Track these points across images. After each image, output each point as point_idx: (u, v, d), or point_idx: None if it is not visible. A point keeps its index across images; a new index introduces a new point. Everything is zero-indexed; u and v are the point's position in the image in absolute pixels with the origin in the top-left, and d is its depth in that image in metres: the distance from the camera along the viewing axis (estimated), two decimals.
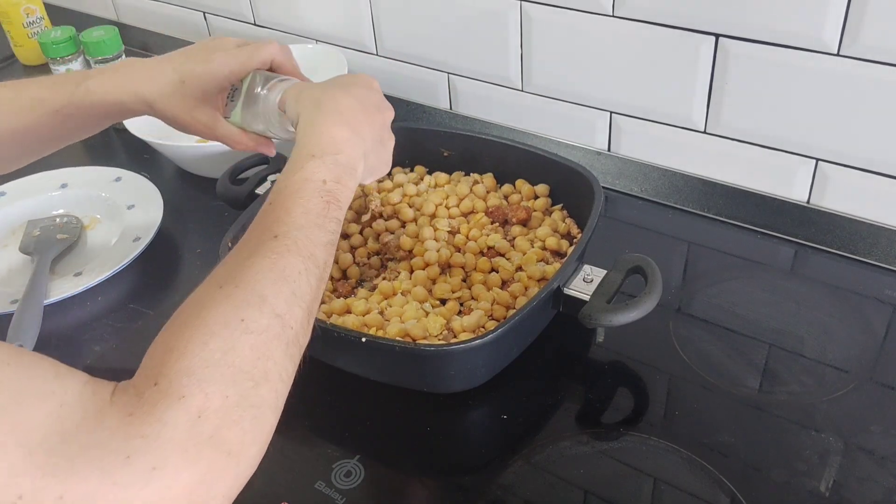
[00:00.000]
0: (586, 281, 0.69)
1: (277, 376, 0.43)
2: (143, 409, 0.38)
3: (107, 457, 0.36)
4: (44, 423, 0.35)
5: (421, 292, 0.75)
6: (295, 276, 0.47)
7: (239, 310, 0.43)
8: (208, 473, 0.38)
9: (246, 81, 0.66)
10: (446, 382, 0.68)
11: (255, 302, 0.44)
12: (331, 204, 0.52)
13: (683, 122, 0.88)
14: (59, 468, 0.35)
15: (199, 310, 0.43)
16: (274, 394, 0.43)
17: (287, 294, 0.46)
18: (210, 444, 0.38)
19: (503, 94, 1.00)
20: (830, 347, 0.73)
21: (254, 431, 0.41)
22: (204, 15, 1.28)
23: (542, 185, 0.86)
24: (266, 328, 0.43)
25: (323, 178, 0.53)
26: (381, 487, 0.64)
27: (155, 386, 0.39)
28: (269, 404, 0.42)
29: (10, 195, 0.99)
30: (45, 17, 1.34)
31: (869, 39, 0.73)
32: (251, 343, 0.42)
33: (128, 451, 0.36)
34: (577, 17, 0.88)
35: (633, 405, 0.70)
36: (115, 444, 0.36)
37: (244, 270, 0.46)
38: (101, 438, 0.36)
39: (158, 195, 0.95)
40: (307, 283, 0.47)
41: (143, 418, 0.38)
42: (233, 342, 0.42)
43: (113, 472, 0.36)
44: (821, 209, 0.84)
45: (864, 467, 0.62)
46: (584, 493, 0.63)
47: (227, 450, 0.39)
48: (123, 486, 0.36)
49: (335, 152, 0.55)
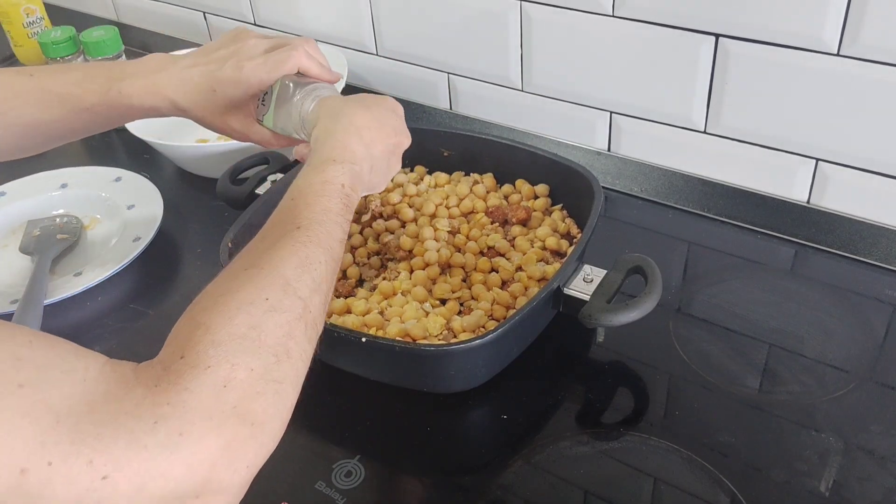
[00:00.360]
0: (586, 281, 0.69)
1: (299, 355, 0.45)
2: (169, 378, 0.39)
3: (134, 423, 0.37)
4: (69, 394, 0.36)
5: (421, 292, 0.75)
6: (315, 265, 0.49)
7: (263, 290, 0.46)
8: (233, 442, 0.39)
9: (276, 87, 0.68)
10: (446, 382, 0.68)
11: (279, 284, 0.46)
12: (347, 206, 0.56)
13: (683, 122, 0.88)
14: (88, 435, 0.35)
15: (225, 290, 0.45)
16: (294, 371, 0.45)
17: (308, 280, 0.48)
18: (234, 414, 0.40)
19: (503, 94, 1.00)
20: (830, 347, 0.73)
21: (276, 405, 0.42)
22: (204, 15, 1.28)
23: (542, 185, 0.86)
24: (289, 308, 0.46)
25: (342, 183, 0.57)
26: (381, 487, 0.64)
27: (182, 359, 0.41)
28: (290, 380, 0.44)
29: (10, 195, 0.99)
30: (45, 17, 1.34)
31: (869, 39, 0.73)
32: (275, 321, 0.44)
33: (155, 417, 0.37)
34: (577, 17, 0.88)
35: (633, 405, 0.70)
36: (142, 412, 0.37)
37: (268, 256, 0.48)
38: (127, 406, 0.37)
39: (158, 195, 0.95)
40: (325, 273, 0.50)
41: (169, 387, 0.39)
42: (258, 319, 0.44)
43: (141, 437, 0.36)
44: (821, 209, 0.84)
45: (864, 467, 0.62)
46: (584, 493, 0.63)
47: (251, 420, 0.41)
48: (151, 450, 0.36)
49: (352, 161, 0.59)
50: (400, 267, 0.80)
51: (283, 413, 0.43)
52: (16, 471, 0.33)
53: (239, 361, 0.41)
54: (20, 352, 0.37)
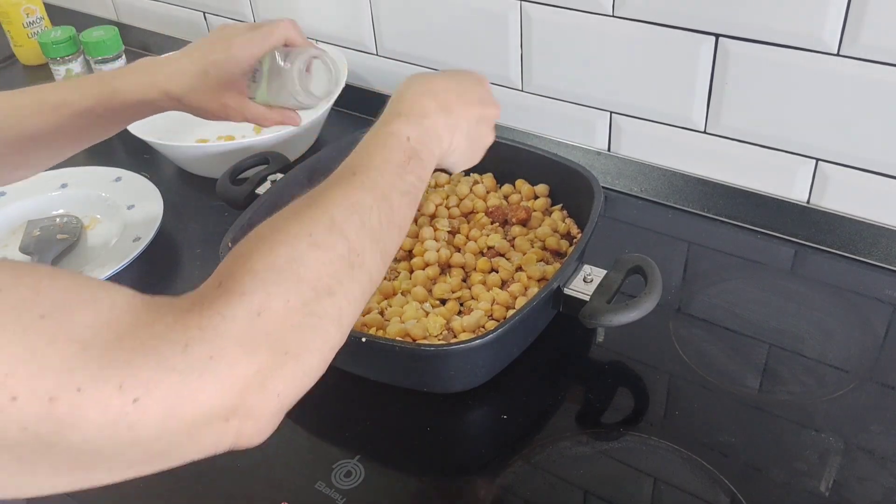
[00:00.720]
0: (586, 281, 0.69)
1: (343, 295, 0.44)
2: (202, 304, 0.39)
3: (164, 346, 0.37)
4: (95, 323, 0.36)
5: (421, 292, 0.75)
6: (366, 210, 0.48)
7: (307, 226, 0.45)
8: (264, 368, 0.39)
9: (266, 61, 0.69)
10: (446, 382, 0.68)
11: (325, 222, 0.46)
12: (412, 159, 0.54)
13: (683, 122, 0.88)
14: (117, 359, 0.35)
15: (271, 226, 0.46)
16: (337, 310, 0.44)
17: (356, 223, 0.47)
18: (268, 342, 0.40)
19: (503, 94, 1.00)
20: (830, 347, 0.73)
21: (314, 340, 0.42)
22: (204, 15, 1.28)
23: (542, 185, 0.86)
24: (332, 246, 0.45)
25: (407, 135, 0.55)
26: (381, 487, 0.64)
27: (219, 286, 0.41)
28: (331, 318, 0.43)
29: (10, 195, 0.99)
30: (45, 17, 1.34)
31: (869, 39, 0.73)
32: (316, 256, 0.44)
33: (185, 340, 0.37)
34: (577, 17, 0.88)
35: (633, 405, 0.70)
36: (173, 335, 0.37)
37: (318, 197, 0.48)
38: (158, 331, 0.37)
39: (158, 195, 0.95)
40: (378, 219, 0.49)
41: (202, 312, 0.39)
42: (299, 252, 0.43)
43: (171, 360, 0.36)
44: (821, 209, 0.84)
45: (864, 467, 0.62)
46: (584, 493, 0.63)
47: (285, 350, 0.40)
48: (181, 372, 0.36)
49: (421, 115, 0.57)
50: (400, 267, 0.80)
51: (323, 350, 0.43)
52: (45, 399, 0.33)
53: (275, 291, 0.41)
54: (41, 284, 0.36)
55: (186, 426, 0.37)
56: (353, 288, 0.45)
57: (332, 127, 1.07)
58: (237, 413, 0.38)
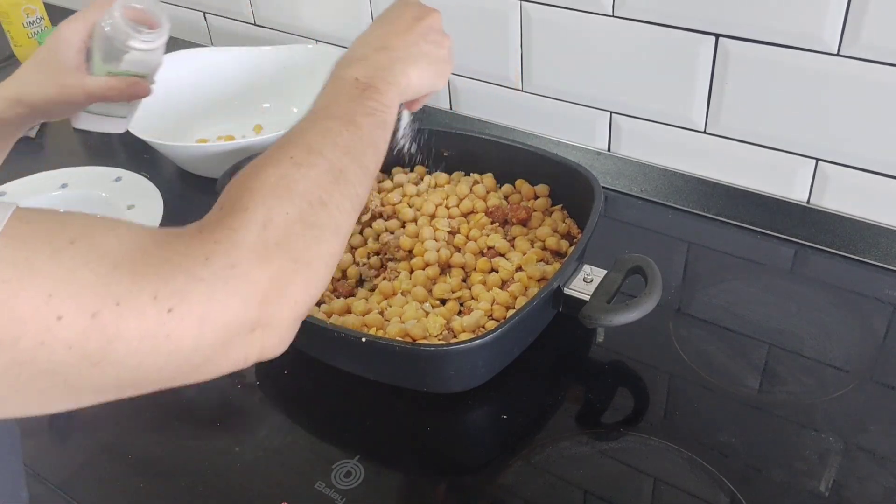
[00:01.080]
0: (586, 281, 0.69)
1: (335, 206, 0.47)
2: (211, 224, 0.42)
3: (187, 260, 0.39)
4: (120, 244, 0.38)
5: (421, 292, 0.75)
6: (336, 133, 0.51)
7: (287, 151, 0.48)
8: (279, 275, 0.42)
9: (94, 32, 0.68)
10: (446, 382, 0.68)
11: (303, 146, 0.49)
12: (366, 90, 0.55)
13: (683, 122, 0.88)
14: (147, 274, 0.37)
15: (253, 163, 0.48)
16: (332, 220, 0.47)
17: (330, 143, 0.50)
18: (278, 250, 0.42)
19: (503, 94, 1.00)
20: (830, 347, 0.73)
21: (317, 248, 0.45)
22: (204, 15, 1.28)
23: (542, 185, 0.86)
24: (314, 164, 0.48)
25: (354, 76, 0.56)
26: (381, 487, 0.64)
27: (220, 210, 0.44)
28: (328, 227, 0.46)
29: (10, 195, 0.99)
30: (45, 17, 1.34)
31: (869, 39, 0.73)
32: (302, 173, 0.47)
33: (206, 253, 0.40)
34: (577, 17, 0.88)
35: (633, 405, 0.70)
36: (193, 250, 0.40)
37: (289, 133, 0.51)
38: (178, 248, 0.40)
39: (158, 195, 0.95)
40: (349, 138, 0.51)
41: (214, 229, 0.42)
42: (285, 170, 0.47)
43: (196, 270, 0.39)
44: (821, 209, 0.84)
45: (864, 467, 0.62)
46: (584, 493, 0.63)
47: (294, 257, 0.43)
48: (208, 282, 0.39)
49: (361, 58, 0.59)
50: (400, 267, 0.80)
51: (326, 257, 0.46)
52: (87, 315, 0.35)
53: (274, 205, 0.44)
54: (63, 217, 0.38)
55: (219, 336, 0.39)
56: (342, 200, 0.48)
57: None
58: (261, 322, 0.41)
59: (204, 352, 0.39)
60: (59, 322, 0.35)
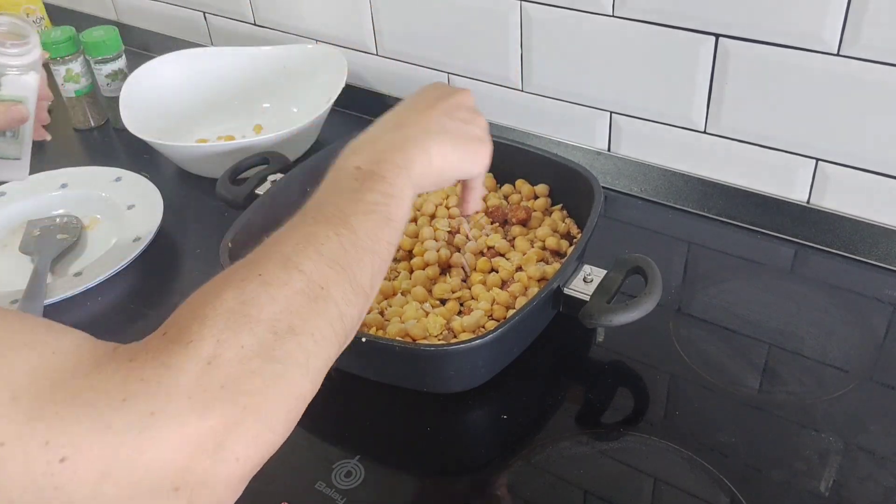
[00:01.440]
0: (586, 281, 0.69)
1: (308, 334, 0.40)
2: (146, 354, 0.36)
3: (100, 400, 0.33)
4: (32, 369, 0.33)
5: (421, 292, 0.75)
6: (322, 240, 0.44)
7: (258, 267, 0.41)
8: (220, 426, 0.35)
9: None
10: (446, 382, 0.68)
11: (277, 260, 0.42)
12: (368, 180, 0.49)
13: (683, 122, 0.88)
14: (46, 412, 0.32)
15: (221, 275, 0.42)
16: (302, 352, 0.39)
17: (312, 254, 0.43)
18: (222, 394, 0.35)
19: (503, 94, 1.00)
20: (830, 347, 0.73)
21: (277, 388, 0.37)
22: (204, 15, 1.28)
23: (542, 185, 0.86)
24: (286, 282, 0.40)
25: (356, 165, 0.50)
26: (381, 487, 0.64)
27: (164, 335, 0.37)
28: (295, 361, 0.39)
29: (10, 195, 0.99)
30: (45, 17, 1.33)
31: (869, 39, 0.73)
32: (271, 294, 0.39)
33: (124, 394, 0.33)
34: (577, 17, 0.88)
35: (633, 405, 0.70)
36: (111, 387, 0.34)
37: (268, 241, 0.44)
38: (95, 382, 0.34)
39: (158, 195, 0.95)
40: (339, 246, 0.44)
41: (145, 363, 0.35)
42: (250, 293, 0.39)
43: (106, 414, 0.33)
44: (821, 209, 0.84)
45: (864, 467, 0.62)
46: (584, 493, 0.63)
47: (243, 403, 0.36)
48: (117, 431, 0.33)
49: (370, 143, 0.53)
50: (400, 267, 0.80)
51: (288, 399, 0.38)
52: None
53: (228, 337, 0.37)
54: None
55: (125, 494, 0.33)
56: (319, 324, 0.41)
57: (332, 127, 1.07)
58: (187, 480, 0.34)
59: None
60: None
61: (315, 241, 0.43)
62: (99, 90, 1.14)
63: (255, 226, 0.78)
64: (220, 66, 1.14)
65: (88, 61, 1.12)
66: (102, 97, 1.15)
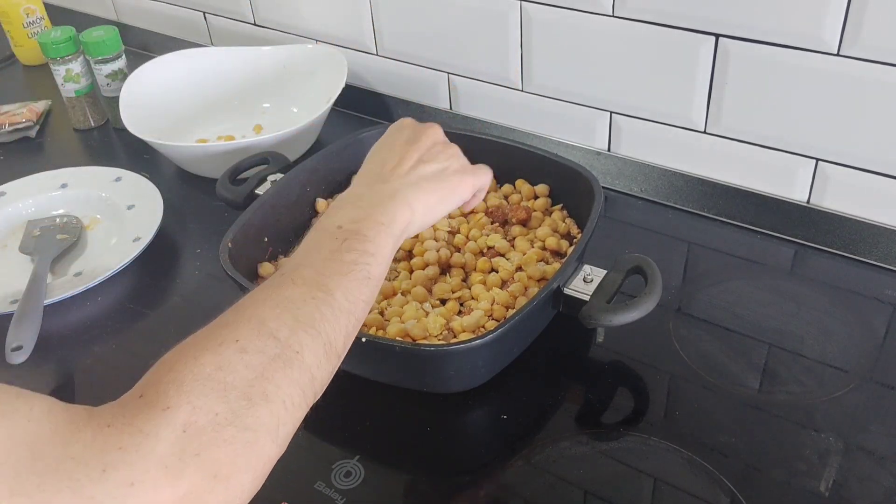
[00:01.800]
0: (586, 281, 0.69)
1: (280, 401, 0.41)
2: (123, 419, 0.36)
3: (80, 470, 0.34)
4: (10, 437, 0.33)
5: (421, 292, 0.75)
6: (299, 304, 0.45)
7: (235, 332, 0.42)
8: (191, 495, 0.36)
9: None
10: (446, 382, 0.68)
11: (253, 325, 0.43)
12: (349, 239, 0.50)
13: (683, 122, 0.88)
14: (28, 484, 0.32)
15: (200, 334, 0.43)
16: (274, 419, 0.40)
17: (289, 319, 0.44)
18: (195, 463, 0.36)
19: (503, 94, 1.00)
20: (830, 347, 0.73)
21: (247, 456, 0.39)
22: (204, 15, 1.28)
23: (542, 185, 0.86)
24: (262, 349, 0.42)
25: (337, 224, 0.52)
26: (381, 487, 0.64)
27: (140, 398, 0.38)
28: (266, 428, 0.40)
29: (10, 195, 0.99)
30: (45, 17, 1.33)
31: (869, 39, 0.73)
32: (246, 361, 0.40)
33: (104, 464, 0.34)
34: (577, 17, 0.88)
35: (633, 405, 0.70)
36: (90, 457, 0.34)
37: (245, 300, 0.45)
38: (74, 451, 0.34)
39: (158, 195, 0.95)
40: (317, 311, 0.45)
41: (123, 429, 0.36)
42: (227, 359, 0.40)
43: (87, 486, 0.33)
44: (821, 209, 0.84)
45: (864, 467, 0.62)
46: (584, 493, 0.63)
47: (214, 472, 0.37)
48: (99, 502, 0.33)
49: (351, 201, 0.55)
50: (400, 267, 0.80)
51: (257, 466, 0.39)
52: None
53: (202, 404, 0.37)
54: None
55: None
56: (292, 390, 0.42)
57: (332, 127, 1.07)
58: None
59: None
60: None
61: (292, 306, 0.44)
62: (99, 90, 1.14)
63: (254, 226, 0.79)
64: (220, 66, 1.14)
65: (88, 61, 1.12)
66: (102, 97, 1.15)
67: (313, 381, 0.44)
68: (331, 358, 0.46)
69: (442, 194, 0.58)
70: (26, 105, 1.20)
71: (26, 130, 1.16)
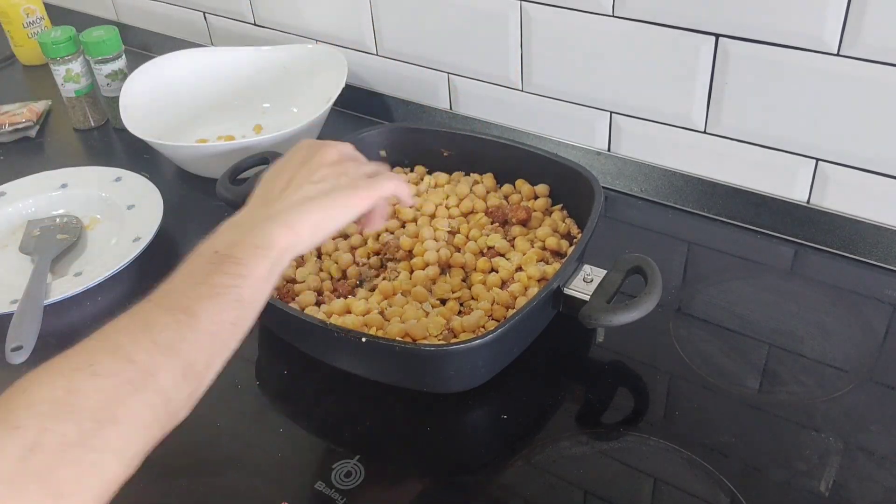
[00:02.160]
0: (586, 281, 0.69)
1: (129, 422, 0.42)
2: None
3: None
4: None
5: (421, 292, 0.75)
6: (161, 328, 0.46)
7: (91, 357, 0.44)
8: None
9: None
10: (446, 382, 0.68)
11: (110, 349, 0.44)
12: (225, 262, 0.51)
13: (683, 122, 0.88)
14: None
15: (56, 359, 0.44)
16: (122, 440, 0.41)
17: (147, 343, 0.45)
18: (39, 481, 0.37)
19: (503, 94, 1.00)
20: (830, 347, 0.73)
21: (91, 478, 0.39)
22: (204, 15, 1.28)
23: (542, 185, 0.86)
24: (116, 373, 0.43)
25: (215, 249, 0.52)
26: (381, 487, 0.64)
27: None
28: (113, 450, 0.41)
29: (10, 195, 0.99)
30: (45, 17, 1.33)
31: (869, 39, 0.73)
32: (98, 385, 0.42)
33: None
34: (577, 17, 0.88)
35: (633, 405, 0.70)
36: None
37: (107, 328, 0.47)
38: None
39: (158, 195, 0.95)
40: (177, 333, 0.46)
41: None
42: (79, 384, 0.41)
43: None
44: (821, 209, 0.84)
45: (864, 467, 0.62)
46: (584, 493, 0.63)
47: (56, 491, 0.38)
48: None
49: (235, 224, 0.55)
50: (400, 267, 0.80)
51: (100, 486, 0.40)
52: None
53: (51, 426, 0.39)
54: None
55: None
56: (143, 412, 0.43)
57: (332, 127, 1.07)
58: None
59: None
60: None
61: (152, 330, 0.46)
62: (99, 90, 1.14)
63: None
64: (220, 66, 1.14)
65: (88, 61, 1.12)
66: (102, 97, 1.15)
67: (168, 402, 0.45)
68: (190, 379, 0.46)
69: (329, 213, 0.57)
70: (26, 105, 1.20)
71: (26, 130, 1.16)
